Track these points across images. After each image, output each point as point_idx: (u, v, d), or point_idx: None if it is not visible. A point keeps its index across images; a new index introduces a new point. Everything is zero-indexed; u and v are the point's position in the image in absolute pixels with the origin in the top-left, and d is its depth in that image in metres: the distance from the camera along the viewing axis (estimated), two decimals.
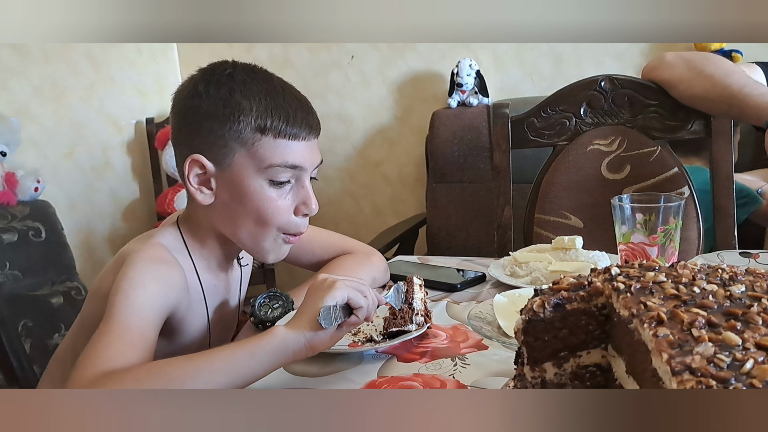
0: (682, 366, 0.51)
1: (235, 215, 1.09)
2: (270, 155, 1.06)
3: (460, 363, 1.00)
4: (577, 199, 1.72)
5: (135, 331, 0.94)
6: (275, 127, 1.05)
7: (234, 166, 1.06)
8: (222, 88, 1.06)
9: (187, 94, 1.09)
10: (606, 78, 1.66)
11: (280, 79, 1.13)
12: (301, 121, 1.08)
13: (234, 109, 1.05)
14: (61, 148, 2.92)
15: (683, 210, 1.15)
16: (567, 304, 0.69)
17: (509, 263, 1.37)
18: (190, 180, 1.08)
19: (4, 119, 2.53)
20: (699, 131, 1.61)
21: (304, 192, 1.10)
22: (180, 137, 1.11)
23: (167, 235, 1.13)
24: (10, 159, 2.56)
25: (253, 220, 1.08)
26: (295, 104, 1.09)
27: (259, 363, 0.88)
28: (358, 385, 0.95)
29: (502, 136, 1.71)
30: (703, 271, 0.69)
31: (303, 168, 1.09)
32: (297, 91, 1.13)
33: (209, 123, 1.06)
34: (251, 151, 1.06)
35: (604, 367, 0.72)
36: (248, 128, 1.05)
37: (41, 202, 2.60)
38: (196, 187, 1.08)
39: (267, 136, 1.05)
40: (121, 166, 3.19)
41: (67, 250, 2.61)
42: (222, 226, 1.12)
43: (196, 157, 1.06)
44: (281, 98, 1.08)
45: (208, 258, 1.16)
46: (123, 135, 3.19)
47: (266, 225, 1.09)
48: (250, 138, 1.05)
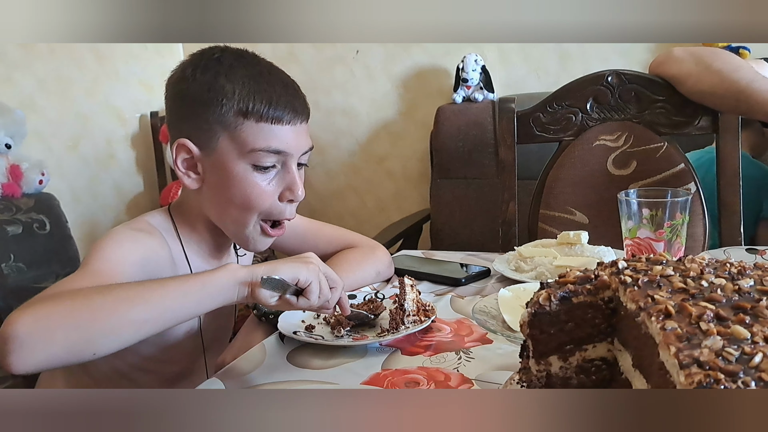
0: (690, 359, 0.50)
1: (220, 200, 1.10)
2: (252, 139, 1.05)
3: (464, 356, 1.00)
4: (583, 194, 1.71)
5: (104, 276, 0.94)
6: (257, 111, 1.05)
7: (218, 150, 1.07)
8: (208, 72, 1.06)
9: (176, 78, 1.10)
10: (613, 73, 1.65)
11: (269, 63, 1.13)
12: (285, 104, 1.07)
13: (218, 93, 1.05)
14: (66, 141, 2.92)
15: (690, 206, 1.14)
16: (573, 298, 0.69)
17: (514, 258, 1.37)
18: (178, 164, 1.09)
19: (9, 112, 2.53)
20: (706, 127, 1.61)
21: (289, 177, 1.10)
22: (172, 121, 1.12)
23: (156, 216, 1.15)
24: (15, 151, 2.56)
25: (237, 205, 1.08)
26: (280, 87, 1.08)
27: (208, 295, 0.89)
28: (362, 378, 0.94)
29: (507, 131, 1.71)
30: (711, 265, 0.69)
31: (288, 153, 1.08)
32: (285, 75, 1.12)
33: (194, 107, 1.06)
34: (234, 135, 1.06)
35: (610, 361, 0.71)
36: (231, 112, 1.05)
37: (46, 194, 2.60)
38: (184, 171, 1.09)
39: (249, 120, 1.05)
40: (125, 160, 3.19)
41: (71, 243, 2.61)
42: (209, 211, 1.12)
43: (183, 141, 1.07)
44: (265, 81, 1.08)
45: (199, 243, 1.16)
46: (127, 128, 3.19)
47: (249, 210, 1.09)
48: (232, 122, 1.05)
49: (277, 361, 1.02)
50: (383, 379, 0.94)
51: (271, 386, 0.94)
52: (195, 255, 1.15)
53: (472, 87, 2.85)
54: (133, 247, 1.04)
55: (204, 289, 0.89)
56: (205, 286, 0.89)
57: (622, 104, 1.66)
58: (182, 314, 0.89)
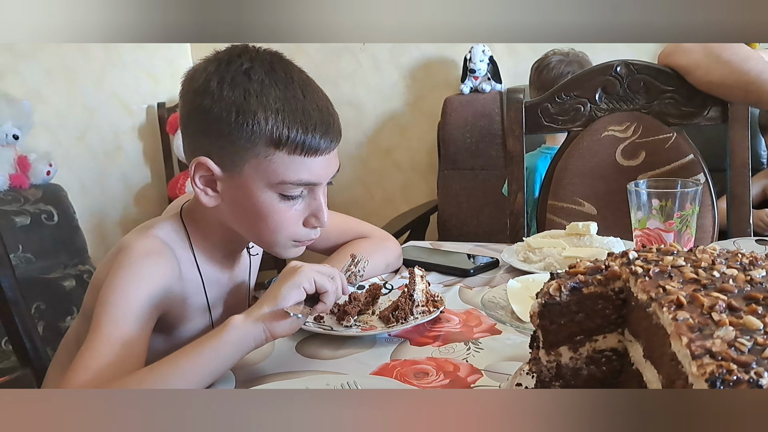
0: (702, 350, 0.50)
1: (243, 218, 1.05)
2: (283, 172, 0.99)
3: (473, 347, 0.99)
4: (591, 185, 1.70)
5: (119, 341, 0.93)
6: (291, 142, 0.97)
7: (243, 175, 1.00)
8: (236, 89, 0.97)
9: (198, 88, 0.99)
10: (622, 63, 1.64)
11: (301, 76, 1.03)
12: (321, 134, 0.99)
13: (248, 117, 0.96)
14: (73, 132, 2.92)
15: (700, 197, 1.14)
16: (584, 288, 0.69)
17: (523, 249, 1.36)
18: (196, 181, 1.02)
19: (17, 102, 2.54)
20: (715, 117, 1.60)
21: (315, 204, 1.04)
22: (188, 130, 1.04)
23: (167, 227, 1.09)
24: (23, 142, 2.57)
25: (262, 227, 1.04)
26: (316, 114, 0.99)
27: (224, 358, 0.90)
28: (371, 368, 0.94)
29: (515, 121, 1.70)
30: (723, 255, 0.68)
31: (318, 183, 1.03)
32: (319, 94, 1.04)
33: (219, 127, 0.98)
34: (264, 165, 0.98)
35: (621, 352, 0.71)
36: (262, 140, 0.97)
37: (53, 185, 2.61)
38: (201, 188, 1.02)
39: (281, 151, 0.97)
40: (132, 151, 3.20)
41: (79, 234, 2.62)
42: (231, 222, 1.07)
43: (203, 160, 1.00)
44: (300, 107, 0.99)
45: (212, 251, 1.12)
46: (134, 119, 3.19)
47: (274, 233, 1.04)
48: (263, 151, 0.97)
49: (285, 351, 1.02)
50: (392, 370, 0.94)
51: (279, 376, 0.94)
52: (207, 262, 1.11)
53: (479, 78, 2.84)
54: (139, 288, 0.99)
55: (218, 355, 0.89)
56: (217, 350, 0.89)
57: (631, 94, 1.65)
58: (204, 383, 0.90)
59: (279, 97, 0.98)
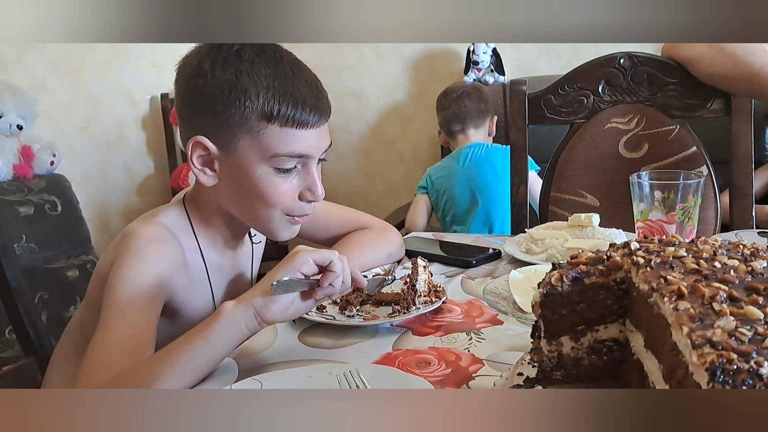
0: (702, 339, 0.51)
1: (240, 197, 1.07)
2: (276, 145, 1.02)
3: (475, 337, 1.00)
4: (594, 177, 1.71)
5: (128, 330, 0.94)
6: (282, 115, 1.01)
7: (239, 151, 1.03)
8: (228, 69, 1.01)
9: (191, 71, 1.04)
10: (625, 55, 1.64)
11: (290, 56, 1.07)
12: (311, 108, 1.03)
13: (239, 94, 1.00)
14: (77, 122, 2.93)
15: (702, 189, 1.14)
16: (585, 278, 0.69)
17: (525, 240, 1.37)
18: (193, 161, 1.05)
19: (21, 93, 2.54)
20: (719, 110, 1.59)
21: (309, 178, 1.07)
22: (184, 114, 1.08)
23: (171, 213, 1.12)
24: (27, 133, 2.57)
25: (257, 203, 1.06)
26: (305, 89, 1.04)
27: (217, 346, 0.90)
28: (374, 357, 0.95)
29: (518, 113, 1.70)
30: (724, 246, 0.69)
31: (310, 156, 1.06)
32: (308, 73, 1.07)
33: (213, 106, 1.01)
34: (256, 139, 1.02)
35: (622, 342, 0.71)
36: (254, 115, 1.01)
37: (57, 175, 2.61)
38: (200, 168, 1.06)
39: (273, 124, 1.01)
40: (136, 141, 3.20)
41: (82, 224, 2.62)
42: (228, 205, 1.10)
43: (199, 139, 1.03)
44: (290, 82, 1.03)
45: (214, 236, 1.15)
46: (138, 110, 3.20)
47: (270, 208, 1.07)
48: (255, 126, 1.01)
49: (288, 340, 1.03)
50: (394, 359, 0.94)
51: (282, 365, 0.94)
52: (210, 248, 1.14)
53: (482, 69, 2.84)
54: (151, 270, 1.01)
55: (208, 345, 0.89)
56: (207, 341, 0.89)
57: (634, 87, 1.65)
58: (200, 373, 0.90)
59: (269, 74, 1.02)
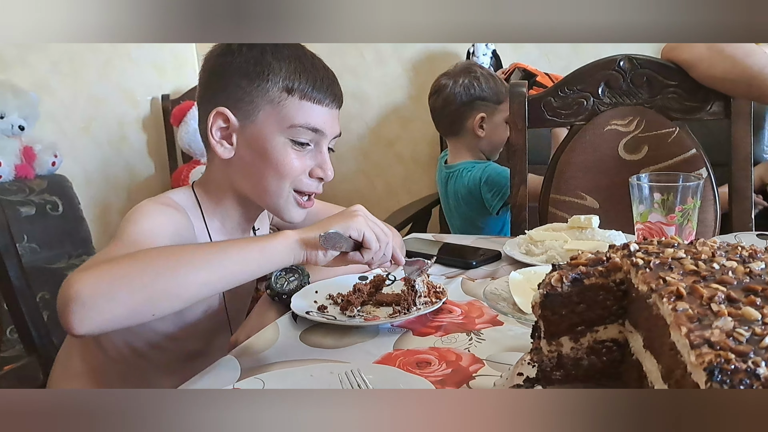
0: (700, 339, 0.51)
1: (253, 171, 1.12)
2: (294, 115, 1.10)
3: (475, 338, 1.01)
4: (593, 179, 1.71)
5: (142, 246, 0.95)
6: (302, 89, 1.10)
7: (258, 122, 1.11)
8: (254, 48, 1.11)
9: (220, 51, 1.14)
10: (625, 57, 1.65)
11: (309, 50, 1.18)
12: (327, 87, 1.13)
13: (264, 67, 1.10)
14: (78, 122, 2.93)
15: (702, 191, 1.14)
16: (585, 279, 0.69)
17: (525, 241, 1.37)
18: (213, 133, 1.12)
19: (23, 93, 2.54)
20: (718, 112, 1.60)
21: (321, 157, 1.15)
22: (207, 94, 1.15)
23: (180, 193, 1.17)
24: (29, 133, 2.57)
25: (270, 176, 1.12)
26: (322, 72, 1.15)
27: (267, 260, 0.94)
28: (375, 357, 0.95)
29: (518, 114, 1.71)
30: (723, 248, 0.69)
31: (323, 133, 1.13)
32: (324, 63, 1.18)
33: (238, 79, 1.10)
34: (276, 110, 1.10)
35: (621, 342, 0.72)
36: (276, 87, 1.10)
37: (58, 176, 2.61)
38: (218, 140, 1.12)
39: (293, 96, 1.10)
40: (137, 142, 3.21)
41: (83, 224, 2.63)
42: (240, 182, 1.15)
43: (222, 109, 1.11)
44: (310, 63, 1.14)
45: (222, 220, 1.18)
46: (139, 111, 3.20)
47: (282, 178, 1.12)
48: (276, 97, 1.10)
49: (290, 340, 1.04)
50: (395, 359, 0.95)
51: (284, 365, 0.95)
52: (217, 233, 1.17)
53: None
54: (165, 220, 1.07)
55: (263, 254, 0.93)
56: (264, 251, 0.93)
57: (634, 89, 1.66)
58: (242, 277, 0.93)
59: (291, 55, 1.13)
